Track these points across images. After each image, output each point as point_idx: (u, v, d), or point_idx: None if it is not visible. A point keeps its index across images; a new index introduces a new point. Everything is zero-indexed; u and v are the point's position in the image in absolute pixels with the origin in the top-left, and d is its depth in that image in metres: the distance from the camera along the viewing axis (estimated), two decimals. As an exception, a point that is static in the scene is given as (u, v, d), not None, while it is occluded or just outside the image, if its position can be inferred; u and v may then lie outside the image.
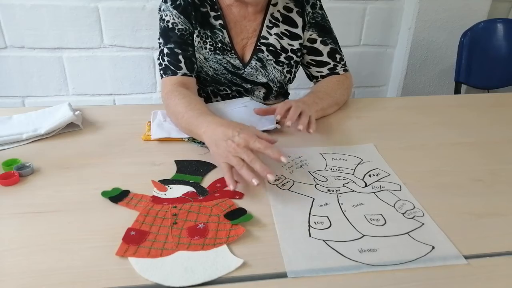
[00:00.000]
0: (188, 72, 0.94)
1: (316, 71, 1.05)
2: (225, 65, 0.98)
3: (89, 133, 0.87)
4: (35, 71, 1.69)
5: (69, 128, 0.87)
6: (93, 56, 1.69)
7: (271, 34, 0.98)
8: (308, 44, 1.02)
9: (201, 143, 0.81)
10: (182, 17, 0.93)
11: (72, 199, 0.64)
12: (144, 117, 0.93)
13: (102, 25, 1.63)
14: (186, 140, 0.83)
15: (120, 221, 0.59)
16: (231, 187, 0.66)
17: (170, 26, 0.93)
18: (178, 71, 0.93)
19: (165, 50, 0.94)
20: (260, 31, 0.98)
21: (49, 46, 1.65)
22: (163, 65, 0.94)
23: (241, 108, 0.95)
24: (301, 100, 0.92)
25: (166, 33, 0.94)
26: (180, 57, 0.93)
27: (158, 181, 0.69)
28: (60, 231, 0.57)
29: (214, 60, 0.97)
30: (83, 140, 0.84)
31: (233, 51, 0.97)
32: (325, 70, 1.04)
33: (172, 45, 0.93)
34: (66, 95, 1.76)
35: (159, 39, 0.96)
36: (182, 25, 0.93)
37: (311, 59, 1.04)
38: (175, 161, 0.76)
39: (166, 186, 0.68)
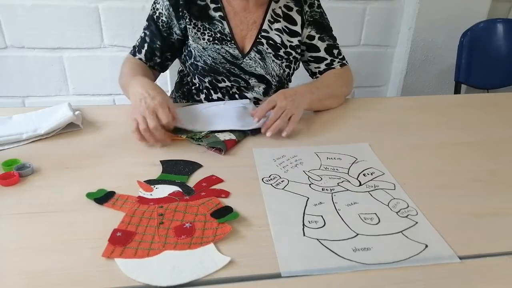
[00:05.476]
0: (144, 59, 1.03)
1: (315, 67, 1.09)
2: (224, 54, 1.00)
3: (89, 133, 0.87)
4: (35, 71, 1.69)
5: (69, 128, 0.87)
6: (93, 56, 1.69)
7: (272, 29, 1.01)
8: (307, 41, 1.06)
9: (199, 141, 0.82)
10: (170, 9, 0.98)
11: (71, 199, 0.64)
12: (144, 117, 0.93)
13: (102, 25, 1.63)
14: (184, 137, 0.84)
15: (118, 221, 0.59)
16: (137, 137, 0.78)
17: (156, 15, 1.00)
18: (137, 54, 1.03)
19: (141, 34, 1.03)
20: (262, 25, 1.01)
21: (49, 46, 1.65)
22: (134, 44, 1.04)
23: (240, 108, 0.95)
24: (293, 90, 0.94)
25: (149, 20, 1.01)
26: (146, 45, 1.02)
27: (144, 181, 0.69)
28: (60, 231, 0.57)
29: (213, 50, 1.00)
30: (83, 140, 0.84)
31: (232, 41, 1.00)
32: (322, 66, 1.08)
33: (147, 32, 1.02)
34: (66, 95, 1.76)
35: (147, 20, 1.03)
36: (166, 18, 0.99)
37: (310, 56, 1.08)
38: (160, 161, 0.76)
39: (152, 186, 0.68)
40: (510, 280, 0.51)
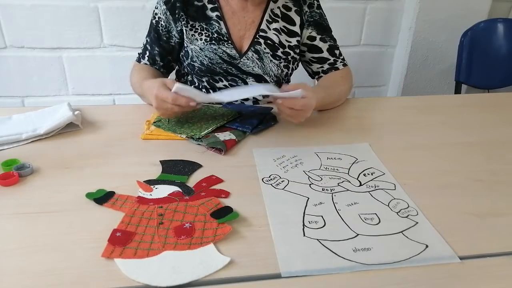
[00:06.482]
0: (148, 64, 1.06)
1: (317, 68, 1.10)
2: (221, 54, 1.00)
3: (88, 133, 0.87)
4: (35, 71, 1.69)
5: (69, 128, 0.87)
6: (93, 56, 1.69)
7: (270, 29, 1.01)
8: (308, 42, 1.06)
9: (199, 141, 0.82)
10: (168, 13, 0.99)
11: (71, 199, 0.64)
12: (144, 116, 0.93)
13: (102, 25, 1.63)
14: (184, 137, 0.84)
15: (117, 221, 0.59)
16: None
17: (156, 19, 1.02)
18: (142, 60, 1.07)
19: (144, 41, 1.07)
20: (260, 24, 1.01)
21: (49, 46, 1.65)
22: (139, 51, 1.08)
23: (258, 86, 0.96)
24: (322, 92, 0.95)
25: (150, 26, 1.04)
26: (147, 52, 1.05)
27: (144, 181, 0.69)
28: (60, 231, 0.57)
29: (210, 50, 1.00)
30: (82, 140, 0.84)
31: (230, 41, 1.00)
32: (325, 65, 1.09)
33: (148, 39, 1.05)
34: (66, 95, 1.76)
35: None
36: (164, 22, 1.00)
37: (312, 57, 1.08)
38: (160, 161, 0.76)
39: (152, 186, 0.68)
40: (510, 280, 0.51)
